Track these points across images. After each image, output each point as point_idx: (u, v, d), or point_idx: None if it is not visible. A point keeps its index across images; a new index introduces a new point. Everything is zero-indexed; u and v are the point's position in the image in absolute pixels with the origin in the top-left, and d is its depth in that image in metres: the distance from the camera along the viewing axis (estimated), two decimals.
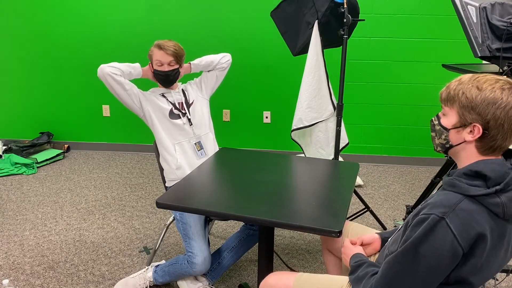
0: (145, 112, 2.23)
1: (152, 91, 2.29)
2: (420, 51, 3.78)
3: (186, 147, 2.24)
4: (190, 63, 2.34)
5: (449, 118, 1.18)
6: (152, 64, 2.24)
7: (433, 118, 1.25)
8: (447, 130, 1.18)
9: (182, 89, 2.32)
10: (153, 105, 2.22)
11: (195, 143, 2.25)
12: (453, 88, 1.16)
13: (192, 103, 2.31)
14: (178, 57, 2.19)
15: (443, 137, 1.20)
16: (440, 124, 1.21)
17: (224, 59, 2.42)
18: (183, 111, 2.26)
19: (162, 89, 2.28)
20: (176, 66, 2.21)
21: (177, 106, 2.26)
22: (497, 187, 1.08)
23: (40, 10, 3.99)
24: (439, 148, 1.24)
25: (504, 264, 1.19)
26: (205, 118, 2.34)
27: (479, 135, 1.12)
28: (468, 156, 1.16)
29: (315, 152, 2.93)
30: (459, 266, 1.10)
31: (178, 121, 2.23)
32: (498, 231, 1.10)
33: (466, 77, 1.17)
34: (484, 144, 1.13)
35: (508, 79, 1.14)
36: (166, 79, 2.21)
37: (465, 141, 1.15)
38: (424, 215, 1.11)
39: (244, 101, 4.07)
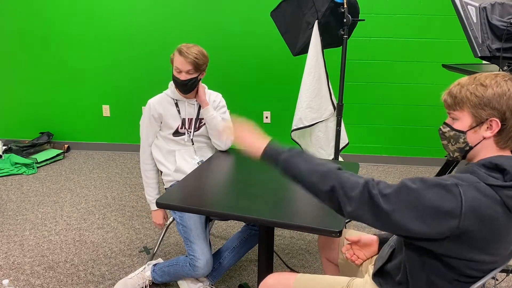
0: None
1: (164, 97, 2.18)
2: (420, 51, 3.77)
3: (188, 159, 2.22)
4: (208, 105, 2.17)
5: (462, 121, 1.18)
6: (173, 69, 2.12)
7: (441, 127, 1.24)
8: (464, 133, 1.18)
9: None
10: (162, 126, 2.18)
11: (198, 162, 2.22)
12: (458, 92, 1.17)
13: (204, 123, 2.22)
14: (198, 66, 2.04)
15: (460, 141, 1.19)
16: (453, 129, 1.20)
17: (226, 141, 2.23)
18: (189, 130, 2.20)
19: (177, 95, 2.17)
20: (195, 75, 2.06)
21: (186, 122, 2.18)
22: None
23: (40, 10, 3.99)
24: (456, 154, 1.23)
25: (506, 261, 1.18)
26: (209, 137, 2.28)
27: (498, 128, 1.13)
28: (487, 153, 1.17)
29: (315, 152, 2.93)
30: (451, 242, 1.09)
31: (179, 138, 2.19)
32: (506, 224, 1.09)
33: (464, 79, 1.19)
34: (504, 136, 1.14)
35: (504, 72, 1.17)
36: (183, 88, 2.10)
37: (484, 138, 1.16)
38: (444, 178, 1.10)
39: (244, 101, 4.07)
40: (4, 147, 4.08)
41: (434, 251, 1.12)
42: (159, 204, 1.65)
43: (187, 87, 2.08)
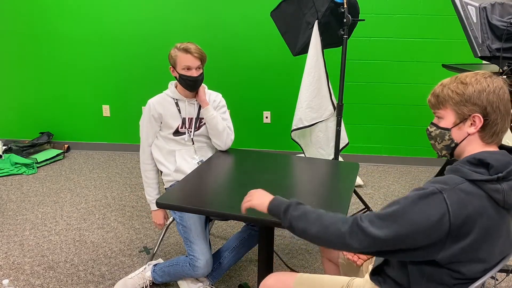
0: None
1: (164, 97, 2.18)
2: (420, 51, 3.78)
3: (188, 159, 2.22)
4: (208, 105, 2.17)
5: (446, 119, 1.21)
6: (175, 69, 2.11)
7: (428, 127, 1.28)
8: (448, 130, 1.21)
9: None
10: (162, 126, 2.18)
11: (198, 162, 2.22)
12: (440, 91, 1.21)
13: (204, 122, 2.21)
14: (204, 59, 2.09)
15: (446, 138, 1.22)
16: (439, 127, 1.23)
17: (227, 141, 2.22)
18: (190, 130, 2.19)
19: (177, 94, 2.17)
20: (202, 69, 2.11)
21: (186, 122, 2.18)
22: (500, 175, 1.10)
23: (41, 10, 3.99)
24: (444, 152, 1.26)
25: (505, 256, 1.18)
26: (209, 137, 2.27)
27: (481, 124, 1.15)
28: (473, 149, 1.19)
29: (315, 152, 2.93)
30: (446, 247, 1.09)
31: (180, 138, 2.19)
32: (497, 218, 1.10)
33: (446, 79, 1.23)
34: (488, 131, 1.16)
35: (484, 71, 1.21)
36: (195, 84, 2.10)
37: (469, 134, 1.18)
38: (423, 187, 1.12)
39: (244, 101, 4.07)
40: (4, 147, 4.08)
41: (434, 259, 1.12)
42: (159, 204, 1.65)
43: (199, 83, 2.11)
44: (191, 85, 2.10)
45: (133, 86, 4.13)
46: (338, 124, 2.76)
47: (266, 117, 4.11)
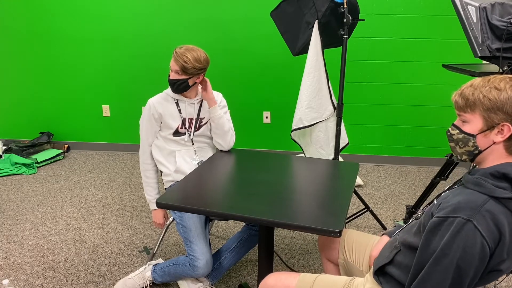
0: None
1: (164, 97, 2.18)
2: (420, 51, 3.77)
3: (188, 160, 2.22)
4: (216, 104, 2.17)
5: (472, 124, 1.16)
6: None
7: (449, 129, 1.22)
8: (474, 136, 1.16)
9: (202, 101, 2.21)
10: (162, 126, 2.18)
11: (198, 162, 2.22)
12: (470, 94, 1.14)
13: (204, 122, 2.21)
14: (185, 69, 2.04)
15: (470, 144, 1.17)
16: (463, 132, 1.18)
17: (230, 141, 2.24)
18: (189, 130, 2.20)
19: (177, 94, 2.18)
20: (183, 77, 2.06)
21: (186, 122, 2.18)
22: None
23: (41, 10, 3.99)
24: (464, 157, 1.20)
25: None
26: (209, 138, 2.28)
27: (509, 134, 1.11)
28: (496, 158, 1.15)
29: (315, 152, 2.93)
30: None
31: (180, 138, 2.19)
32: None
33: (477, 81, 1.16)
34: None
35: None
36: (171, 87, 2.12)
37: (494, 143, 1.13)
38: (450, 218, 1.08)
39: (244, 101, 4.07)
40: (4, 147, 4.08)
41: None
42: (159, 204, 1.65)
43: (174, 87, 2.11)
44: (170, 86, 2.12)
45: (133, 86, 4.13)
46: (338, 124, 2.75)
47: (266, 117, 4.11)
